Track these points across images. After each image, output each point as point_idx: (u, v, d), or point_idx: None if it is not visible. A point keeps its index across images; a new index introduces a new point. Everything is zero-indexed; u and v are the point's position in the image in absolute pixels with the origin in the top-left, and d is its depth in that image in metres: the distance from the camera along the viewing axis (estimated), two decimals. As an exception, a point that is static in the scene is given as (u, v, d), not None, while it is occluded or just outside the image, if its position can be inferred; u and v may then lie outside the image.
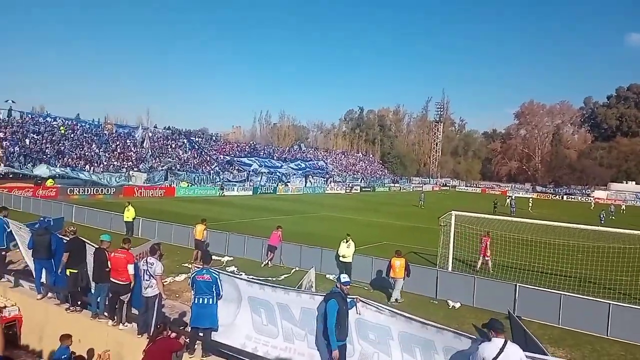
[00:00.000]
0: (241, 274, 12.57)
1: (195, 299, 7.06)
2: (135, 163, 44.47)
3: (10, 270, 11.29)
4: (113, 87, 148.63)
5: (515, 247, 17.07)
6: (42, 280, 9.64)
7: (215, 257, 14.37)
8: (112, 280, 8.04)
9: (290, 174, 63.59)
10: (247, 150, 65.85)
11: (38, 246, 9.47)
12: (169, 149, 52.43)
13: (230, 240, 17.07)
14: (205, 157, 55.73)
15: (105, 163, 41.39)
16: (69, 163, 37.96)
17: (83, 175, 37.45)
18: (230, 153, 60.77)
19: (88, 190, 35.91)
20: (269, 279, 12.86)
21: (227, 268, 14.29)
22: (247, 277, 9.90)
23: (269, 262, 15.56)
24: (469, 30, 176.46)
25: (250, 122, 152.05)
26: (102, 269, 8.19)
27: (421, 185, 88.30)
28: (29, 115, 44.15)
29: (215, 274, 7.13)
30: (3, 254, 10.88)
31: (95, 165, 40.08)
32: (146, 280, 7.61)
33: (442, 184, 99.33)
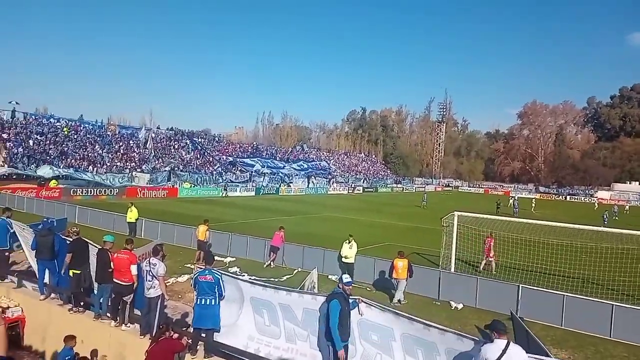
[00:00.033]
0: (243, 275, 12.60)
1: (198, 300, 7.07)
2: (138, 164, 44.60)
3: (14, 271, 11.37)
4: (116, 88, 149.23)
5: (517, 247, 17.03)
6: (45, 281, 9.69)
7: (218, 258, 14.38)
8: (115, 281, 8.06)
9: (292, 175, 63.61)
10: (249, 150, 65.90)
11: (41, 247, 9.51)
12: (172, 150, 52.57)
13: (232, 241, 17.08)
14: (208, 157, 55.82)
15: (108, 164, 41.52)
16: (72, 164, 38.12)
17: (86, 176, 37.60)
18: (233, 154, 60.86)
19: (91, 191, 35.99)
20: (271, 279, 12.89)
21: (230, 269, 14.31)
22: (250, 278, 9.93)
23: (272, 262, 15.56)
24: (470, 30, 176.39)
25: (252, 122, 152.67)
26: (105, 269, 8.22)
27: (424, 185, 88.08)
28: (33, 116, 44.33)
29: (218, 275, 7.13)
30: (6, 254, 10.94)
31: (99, 166, 40.22)
32: (149, 281, 7.62)
33: (444, 185, 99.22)
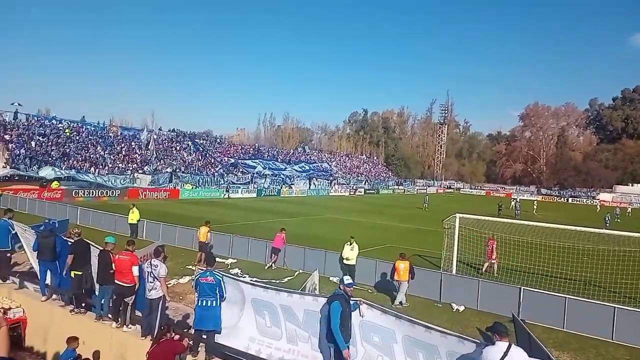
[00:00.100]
0: (245, 276, 12.61)
1: (199, 301, 7.06)
2: (140, 165, 44.69)
3: (15, 272, 11.38)
4: (118, 89, 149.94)
5: (519, 250, 17.00)
6: (46, 282, 9.69)
7: (219, 259, 14.34)
8: (117, 282, 8.07)
9: (294, 176, 63.62)
10: (251, 152, 65.97)
11: (43, 248, 9.52)
12: (174, 151, 52.67)
13: (234, 243, 17.10)
14: (210, 159, 55.89)
15: (110, 165, 41.61)
16: (74, 165, 38.24)
17: (88, 178, 37.71)
18: (235, 155, 60.94)
19: (93, 192, 36.07)
20: (273, 281, 12.88)
21: (231, 270, 14.29)
22: (251, 280, 9.93)
23: (273, 264, 15.56)
24: (471, 31, 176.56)
25: (254, 124, 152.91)
26: (107, 271, 8.22)
27: (425, 187, 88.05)
28: (35, 118, 44.54)
29: (219, 276, 7.12)
30: (8, 255, 10.96)
31: (100, 167, 40.31)
32: (150, 282, 7.63)
33: (446, 187, 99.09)
